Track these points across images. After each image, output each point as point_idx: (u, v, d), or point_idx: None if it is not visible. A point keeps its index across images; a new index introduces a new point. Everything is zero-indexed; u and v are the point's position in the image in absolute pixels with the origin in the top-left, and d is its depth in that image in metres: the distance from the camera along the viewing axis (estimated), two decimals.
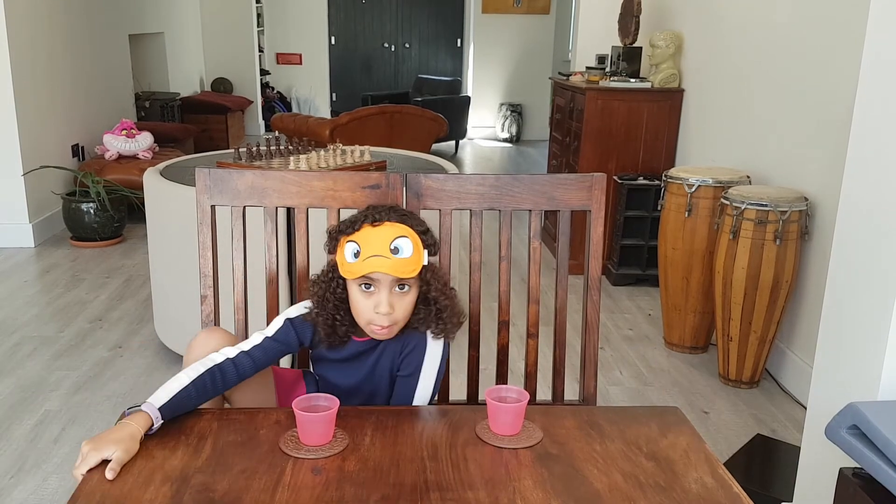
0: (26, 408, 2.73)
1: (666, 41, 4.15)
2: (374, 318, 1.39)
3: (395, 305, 1.39)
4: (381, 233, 1.37)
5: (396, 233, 1.38)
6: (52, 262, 4.36)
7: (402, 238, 1.37)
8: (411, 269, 1.38)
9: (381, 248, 1.36)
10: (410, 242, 1.38)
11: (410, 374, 1.48)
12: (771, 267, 2.82)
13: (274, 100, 9.74)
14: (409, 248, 1.37)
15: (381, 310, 1.37)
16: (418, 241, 1.40)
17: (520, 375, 1.87)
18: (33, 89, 4.71)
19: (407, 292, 1.41)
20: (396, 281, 1.38)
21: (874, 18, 1.67)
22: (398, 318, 1.41)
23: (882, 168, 1.62)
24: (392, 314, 1.39)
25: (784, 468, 2.37)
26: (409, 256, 1.37)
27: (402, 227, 1.40)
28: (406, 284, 1.40)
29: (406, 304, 1.41)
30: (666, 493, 1.12)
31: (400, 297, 1.40)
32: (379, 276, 1.37)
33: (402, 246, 1.37)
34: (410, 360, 1.47)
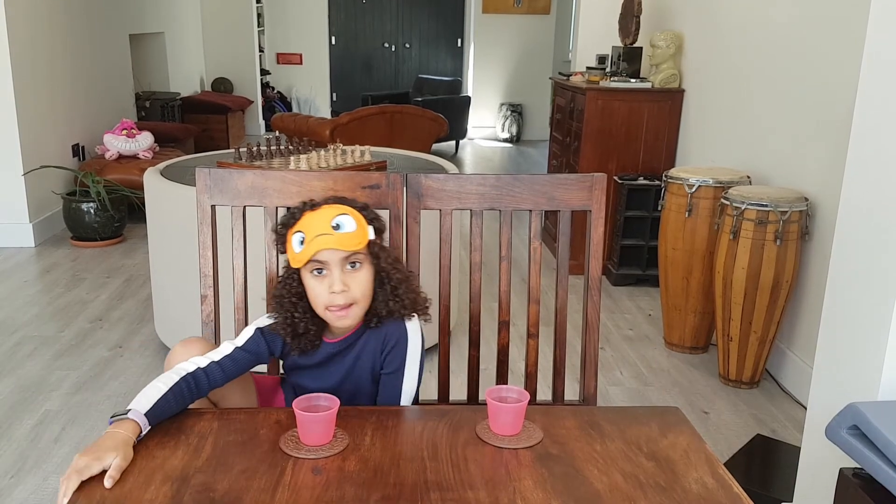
0: (26, 408, 2.73)
1: (666, 41, 4.15)
2: (330, 301, 1.38)
3: (349, 283, 1.38)
4: (321, 214, 1.38)
5: (336, 211, 1.39)
6: (52, 262, 4.37)
7: (342, 215, 1.38)
8: (356, 241, 1.37)
9: (323, 227, 1.37)
10: (352, 218, 1.39)
11: (395, 370, 1.46)
12: (771, 267, 2.82)
13: (274, 100, 9.75)
14: (351, 223, 1.38)
15: (335, 288, 1.37)
16: (360, 217, 1.40)
17: (520, 375, 1.87)
18: (33, 89, 4.71)
19: (359, 269, 1.39)
20: (346, 258, 1.38)
21: (874, 18, 1.67)
22: (356, 297, 1.39)
23: (882, 168, 1.62)
24: (347, 292, 1.38)
25: (784, 468, 2.37)
26: (352, 230, 1.37)
27: (341, 206, 1.41)
28: (356, 261, 1.39)
29: (360, 280, 1.39)
30: (666, 493, 1.12)
31: (352, 274, 1.39)
32: (327, 255, 1.37)
33: (343, 222, 1.37)
34: (395, 355, 1.46)
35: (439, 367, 1.73)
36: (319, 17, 9.91)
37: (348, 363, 1.47)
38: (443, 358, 1.73)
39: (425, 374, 2.92)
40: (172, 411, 1.30)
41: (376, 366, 1.48)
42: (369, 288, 1.41)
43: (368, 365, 1.47)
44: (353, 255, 1.38)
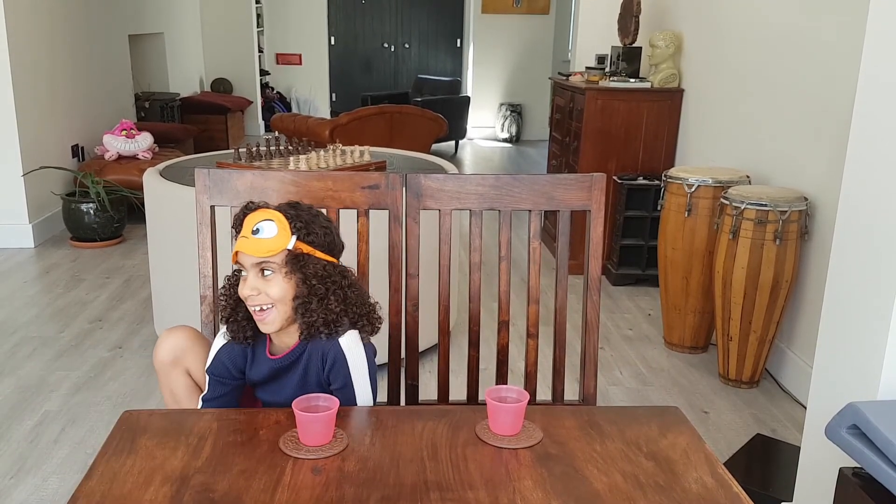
0: (26, 408, 2.73)
1: (666, 41, 4.15)
2: (248, 301, 1.40)
3: (261, 288, 1.39)
4: (251, 218, 1.40)
5: (261, 216, 1.39)
6: (52, 263, 4.36)
7: (265, 221, 1.39)
8: (267, 248, 1.37)
9: (246, 230, 1.39)
10: (275, 225, 1.38)
11: (344, 386, 1.45)
12: (771, 267, 2.82)
13: (274, 100, 9.74)
14: (271, 228, 1.38)
15: (243, 292, 1.39)
16: (285, 226, 1.39)
17: (520, 375, 1.87)
18: (33, 89, 4.71)
19: (270, 277, 1.39)
20: (257, 264, 1.39)
21: (874, 18, 1.67)
22: (269, 302, 1.39)
23: (882, 168, 1.62)
24: (257, 296, 1.38)
25: (784, 468, 2.37)
26: (269, 237, 1.37)
27: (271, 212, 1.41)
28: (267, 268, 1.39)
29: (272, 287, 1.39)
30: (666, 493, 1.12)
31: (265, 282, 1.39)
32: (243, 258, 1.40)
33: (263, 227, 1.38)
34: (336, 372, 1.45)
35: (439, 367, 1.73)
36: (319, 18, 9.91)
37: (296, 379, 1.48)
38: (443, 358, 1.73)
39: (425, 375, 2.92)
40: None
41: (322, 382, 1.47)
42: (286, 295, 1.40)
43: (315, 381, 1.47)
44: (264, 262, 1.38)
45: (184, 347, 1.58)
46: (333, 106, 10.14)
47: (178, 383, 1.59)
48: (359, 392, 1.46)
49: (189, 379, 1.59)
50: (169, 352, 1.57)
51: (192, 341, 1.59)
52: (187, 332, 1.60)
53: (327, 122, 6.03)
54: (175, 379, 1.59)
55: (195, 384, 1.60)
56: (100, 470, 1.15)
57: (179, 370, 1.58)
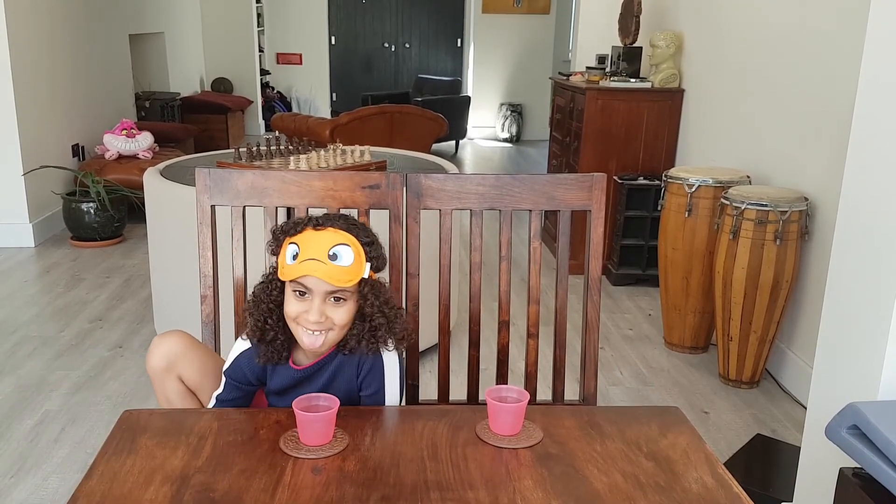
0: (26, 408, 2.73)
1: (666, 41, 4.15)
2: (302, 320, 1.34)
3: (329, 314, 1.34)
4: (322, 237, 1.32)
5: (338, 239, 1.32)
6: (52, 262, 4.36)
7: (342, 245, 1.32)
8: (347, 278, 1.32)
9: (319, 252, 1.31)
10: (352, 251, 1.32)
11: (376, 392, 1.44)
12: (771, 267, 2.82)
13: (274, 100, 9.74)
14: (349, 256, 1.32)
15: (311, 318, 1.32)
16: (361, 252, 1.34)
17: (520, 375, 1.87)
18: (33, 89, 4.71)
19: (341, 304, 1.34)
20: (331, 292, 1.33)
21: (874, 18, 1.67)
22: (331, 327, 1.35)
23: (882, 168, 1.62)
24: (322, 323, 1.33)
25: (784, 468, 2.37)
26: (347, 265, 1.31)
27: (346, 234, 1.34)
28: (341, 297, 1.34)
29: (340, 315, 1.34)
30: (666, 493, 1.12)
31: (333, 307, 1.34)
32: (313, 282, 1.32)
33: (341, 253, 1.31)
34: (372, 377, 1.43)
35: (439, 367, 1.73)
36: (319, 17, 9.91)
37: (318, 387, 1.44)
38: (443, 358, 1.73)
39: (425, 375, 2.92)
40: None
41: (352, 390, 1.44)
42: (349, 321, 1.37)
43: (342, 389, 1.43)
44: (339, 291, 1.33)
45: (177, 353, 1.55)
46: (334, 105, 10.14)
47: (171, 389, 1.57)
48: (388, 397, 1.45)
49: (182, 385, 1.58)
50: (161, 358, 1.55)
51: (185, 347, 1.57)
52: (180, 337, 1.57)
53: (328, 121, 6.03)
54: (169, 385, 1.57)
55: (189, 390, 1.59)
56: (100, 469, 1.15)
57: (173, 376, 1.57)
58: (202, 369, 1.56)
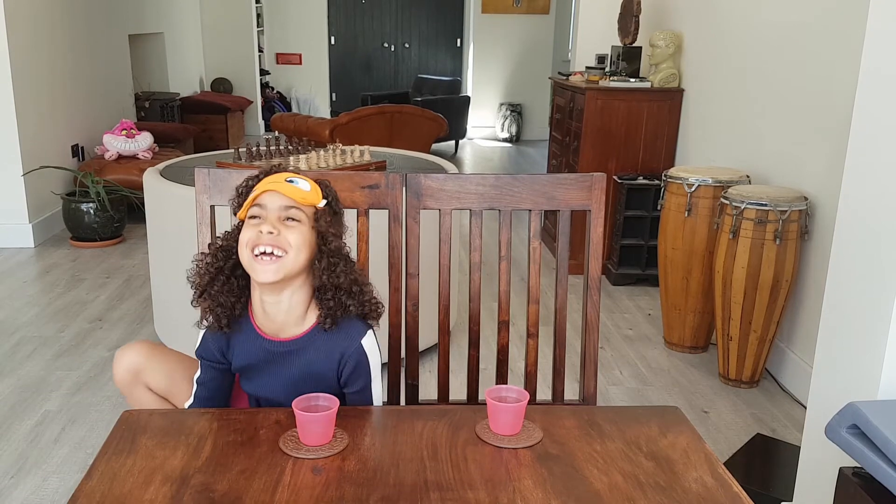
0: (26, 408, 2.73)
1: (666, 41, 4.15)
2: (258, 242, 1.32)
3: (282, 233, 1.33)
4: (278, 175, 1.40)
5: (294, 174, 1.41)
6: (52, 263, 4.36)
7: (298, 178, 1.40)
8: (303, 195, 1.36)
9: (277, 179, 1.38)
10: (308, 183, 1.40)
11: (363, 388, 1.44)
12: (771, 266, 2.82)
13: (274, 100, 9.74)
14: (305, 184, 1.39)
15: (264, 229, 1.32)
16: (317, 187, 1.41)
17: (520, 375, 1.87)
18: (33, 89, 4.71)
19: (295, 226, 1.35)
20: (285, 208, 1.35)
21: (874, 18, 1.67)
22: (285, 246, 1.33)
23: (882, 168, 1.62)
24: (276, 236, 1.32)
25: (784, 468, 2.37)
26: (304, 188, 1.38)
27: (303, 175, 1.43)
28: (294, 217, 1.35)
29: (294, 237, 1.33)
30: (666, 492, 1.12)
31: (287, 228, 1.34)
32: (268, 199, 1.35)
33: (297, 181, 1.39)
34: (357, 375, 1.42)
35: (439, 367, 1.73)
36: (319, 17, 9.91)
37: (294, 372, 1.42)
38: (443, 358, 1.73)
39: (425, 375, 2.92)
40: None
41: (329, 378, 1.42)
42: (304, 245, 1.35)
43: (316, 377, 1.41)
44: (295, 208, 1.35)
45: (138, 363, 1.57)
46: (333, 105, 10.14)
47: (142, 399, 1.59)
48: (375, 394, 1.45)
49: (152, 393, 1.59)
50: (125, 371, 1.57)
51: (145, 356, 1.59)
52: (140, 347, 1.60)
53: (327, 121, 6.03)
54: (138, 395, 1.59)
55: (159, 396, 1.60)
56: (100, 469, 1.15)
57: (140, 387, 1.58)
58: (169, 374, 1.58)
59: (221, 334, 1.43)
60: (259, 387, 1.47)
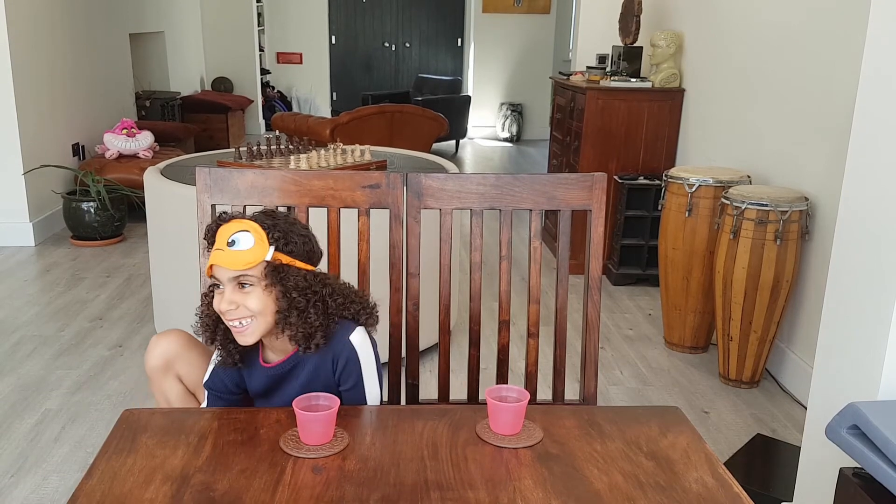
0: (26, 407, 2.73)
1: (666, 41, 4.15)
2: (224, 315, 1.35)
3: (239, 301, 1.34)
4: (225, 229, 1.35)
5: (236, 227, 1.34)
6: (52, 262, 4.36)
7: (240, 232, 1.33)
8: (245, 261, 1.31)
9: (221, 242, 1.33)
10: (251, 236, 1.33)
11: (355, 385, 1.44)
12: (771, 267, 2.82)
13: (274, 99, 9.74)
14: (248, 240, 1.32)
15: (221, 307, 1.34)
16: (262, 235, 1.34)
17: (520, 375, 1.87)
18: (34, 88, 4.71)
19: (249, 290, 1.34)
20: (235, 277, 1.33)
21: (875, 18, 1.67)
22: (248, 315, 1.34)
23: (882, 167, 1.62)
24: (235, 311, 1.33)
25: (784, 468, 2.37)
26: (246, 248, 1.32)
27: (246, 221, 1.35)
28: (245, 282, 1.34)
29: (252, 301, 1.34)
30: (666, 492, 1.12)
31: (243, 294, 1.34)
32: (218, 272, 1.34)
33: (239, 238, 1.32)
34: (349, 372, 1.43)
35: (439, 367, 1.73)
36: (319, 17, 9.90)
37: (298, 386, 1.44)
38: (443, 358, 1.73)
39: (425, 374, 2.92)
40: None
41: (331, 385, 1.44)
42: (266, 307, 1.35)
43: (321, 385, 1.43)
44: (242, 275, 1.33)
45: (175, 353, 1.55)
46: (334, 105, 10.14)
47: (170, 389, 1.57)
48: (369, 390, 1.45)
49: (181, 385, 1.58)
50: (159, 357, 1.55)
51: (183, 347, 1.56)
52: (178, 336, 1.57)
53: (328, 121, 6.03)
54: (168, 385, 1.57)
55: (187, 390, 1.59)
56: (100, 469, 1.15)
57: (171, 376, 1.56)
58: (201, 369, 1.56)
59: (235, 369, 1.47)
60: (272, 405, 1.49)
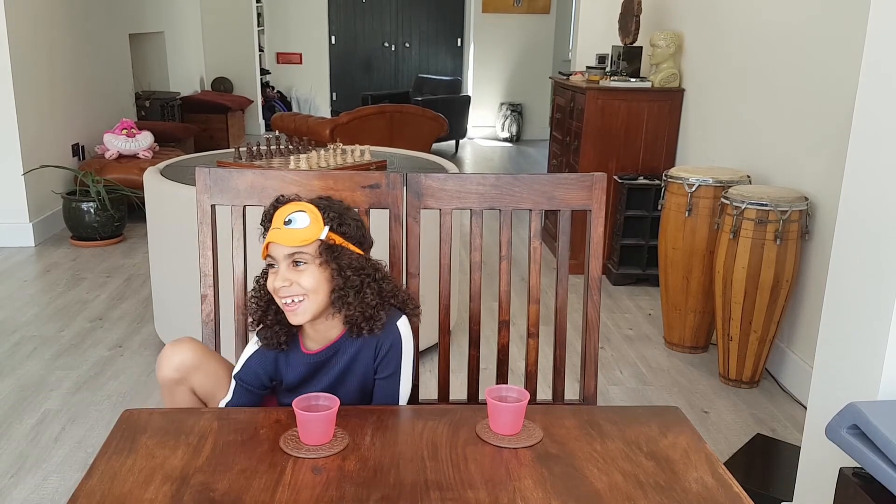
0: (26, 408, 2.73)
1: (666, 41, 4.15)
2: (278, 293, 1.38)
3: (293, 279, 1.36)
4: (282, 210, 1.39)
5: (294, 208, 1.38)
6: (52, 262, 4.36)
7: (297, 212, 1.37)
8: (301, 238, 1.35)
9: (278, 222, 1.38)
10: (307, 216, 1.37)
11: (391, 374, 1.45)
12: (771, 267, 2.82)
13: (274, 99, 9.74)
14: (303, 219, 1.36)
15: (275, 284, 1.37)
16: (316, 214, 1.38)
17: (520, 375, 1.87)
18: (34, 89, 4.71)
19: (303, 268, 1.37)
20: (290, 255, 1.36)
21: (874, 19, 1.67)
22: (300, 292, 1.37)
23: (882, 167, 1.62)
24: (289, 287, 1.36)
25: (784, 468, 2.37)
26: (301, 227, 1.36)
27: (304, 203, 1.40)
28: (300, 259, 1.37)
29: (306, 279, 1.37)
30: (666, 492, 1.12)
31: (297, 272, 1.37)
32: (274, 249, 1.37)
33: (296, 218, 1.37)
34: (389, 359, 1.44)
35: (439, 367, 1.73)
36: (319, 17, 9.91)
37: (335, 372, 1.45)
38: (443, 357, 1.73)
39: (425, 375, 2.92)
40: None
41: (368, 374, 1.45)
42: (319, 285, 1.38)
43: (360, 373, 1.45)
44: (297, 252, 1.36)
45: (189, 365, 1.53)
46: (334, 105, 10.14)
47: (182, 400, 1.56)
48: (403, 382, 1.46)
49: (193, 396, 1.56)
50: (174, 370, 1.53)
51: (198, 358, 1.54)
52: (192, 347, 1.55)
53: (328, 121, 6.03)
54: (179, 396, 1.55)
55: (199, 400, 1.58)
56: (100, 469, 1.15)
57: (184, 388, 1.55)
58: (215, 379, 1.55)
59: (272, 356, 1.47)
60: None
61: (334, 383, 1.46)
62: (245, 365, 1.49)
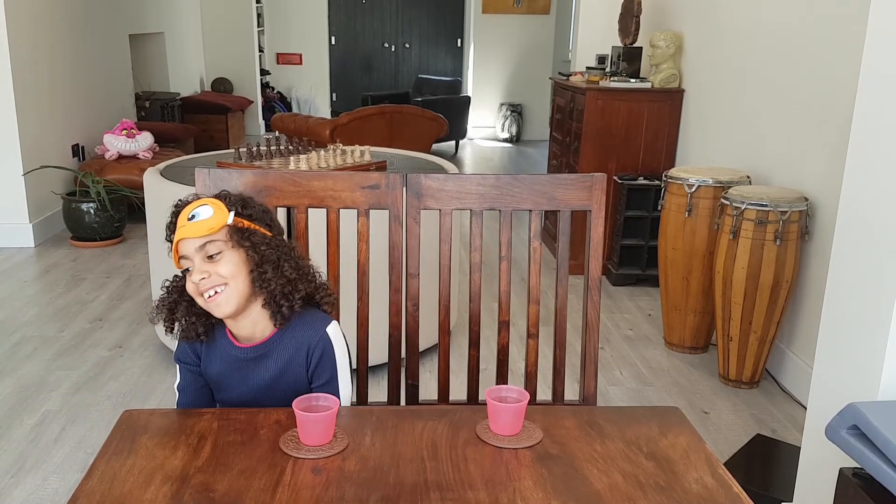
0: (26, 408, 2.73)
1: (666, 41, 4.15)
2: (199, 289, 1.35)
3: (210, 271, 1.35)
4: (185, 211, 1.37)
5: (195, 204, 1.37)
6: (52, 262, 4.36)
7: (199, 207, 1.36)
8: (207, 227, 1.34)
9: (182, 221, 1.36)
10: (210, 207, 1.36)
11: (329, 380, 1.43)
12: (771, 267, 2.82)
13: (274, 100, 9.74)
14: (206, 211, 1.35)
15: (194, 278, 1.35)
16: (219, 204, 1.37)
17: (520, 375, 1.87)
18: (34, 89, 4.71)
19: (217, 258, 1.35)
20: (202, 248, 1.35)
21: (874, 19, 1.67)
22: (221, 282, 1.35)
23: (882, 168, 1.62)
24: (209, 278, 1.34)
25: (784, 468, 2.37)
26: (206, 217, 1.34)
27: (203, 199, 1.39)
28: (213, 250, 1.35)
29: (222, 266, 1.35)
30: (666, 493, 1.12)
31: (212, 264, 1.35)
32: (185, 247, 1.35)
33: (199, 212, 1.35)
34: (323, 366, 1.42)
35: (439, 368, 1.73)
36: (319, 18, 9.91)
37: (265, 379, 1.43)
38: (443, 358, 1.73)
39: (425, 375, 2.92)
40: None
41: (301, 383, 1.43)
42: (238, 269, 1.36)
43: (291, 382, 1.42)
44: (209, 242, 1.35)
45: None
46: (334, 106, 10.14)
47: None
48: (343, 385, 1.44)
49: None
50: None
51: None
52: None
53: (328, 121, 6.03)
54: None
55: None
56: (100, 469, 1.15)
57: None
58: None
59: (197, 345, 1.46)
60: (234, 396, 1.46)
61: (263, 389, 1.43)
62: (178, 345, 1.48)
